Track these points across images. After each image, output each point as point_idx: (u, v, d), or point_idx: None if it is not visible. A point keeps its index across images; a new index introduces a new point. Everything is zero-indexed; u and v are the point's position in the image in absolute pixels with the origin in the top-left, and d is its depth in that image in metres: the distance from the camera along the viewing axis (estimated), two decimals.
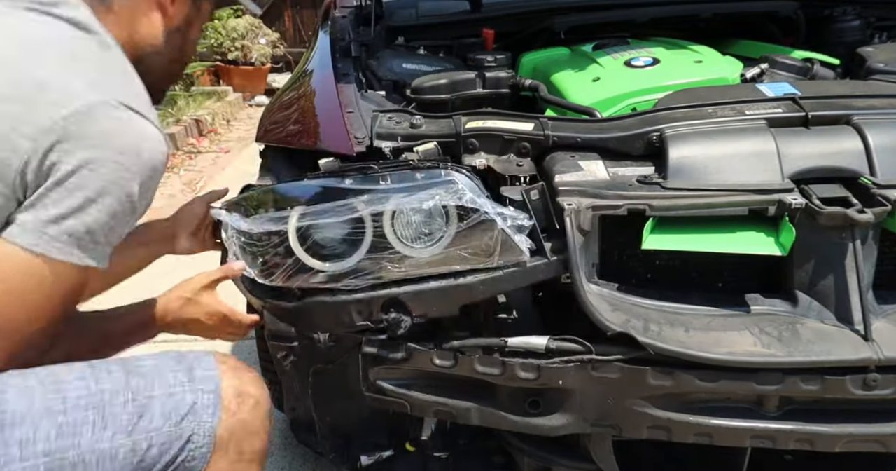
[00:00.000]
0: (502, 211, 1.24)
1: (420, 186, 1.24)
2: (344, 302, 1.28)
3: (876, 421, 1.22)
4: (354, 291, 1.28)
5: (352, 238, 1.26)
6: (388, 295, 1.27)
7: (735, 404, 1.25)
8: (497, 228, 1.23)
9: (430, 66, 1.83)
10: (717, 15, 2.06)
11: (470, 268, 1.26)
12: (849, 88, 1.49)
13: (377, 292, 1.27)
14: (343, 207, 1.24)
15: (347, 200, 1.24)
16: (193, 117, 5.49)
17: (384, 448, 1.57)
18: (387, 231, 1.26)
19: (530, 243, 1.25)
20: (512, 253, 1.24)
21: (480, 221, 1.23)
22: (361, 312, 1.29)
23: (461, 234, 1.25)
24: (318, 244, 1.27)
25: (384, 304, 1.28)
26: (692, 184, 1.27)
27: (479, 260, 1.25)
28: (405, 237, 1.26)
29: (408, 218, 1.25)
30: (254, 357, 1.92)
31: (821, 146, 1.30)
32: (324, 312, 1.30)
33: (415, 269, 1.27)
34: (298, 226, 1.26)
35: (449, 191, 1.22)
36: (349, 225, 1.25)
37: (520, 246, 1.24)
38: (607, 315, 1.22)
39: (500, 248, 1.24)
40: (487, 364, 1.27)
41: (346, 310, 1.29)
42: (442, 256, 1.25)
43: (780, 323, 1.24)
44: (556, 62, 1.86)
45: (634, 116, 1.43)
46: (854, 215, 1.19)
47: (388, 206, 1.24)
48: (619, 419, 1.27)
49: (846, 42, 1.95)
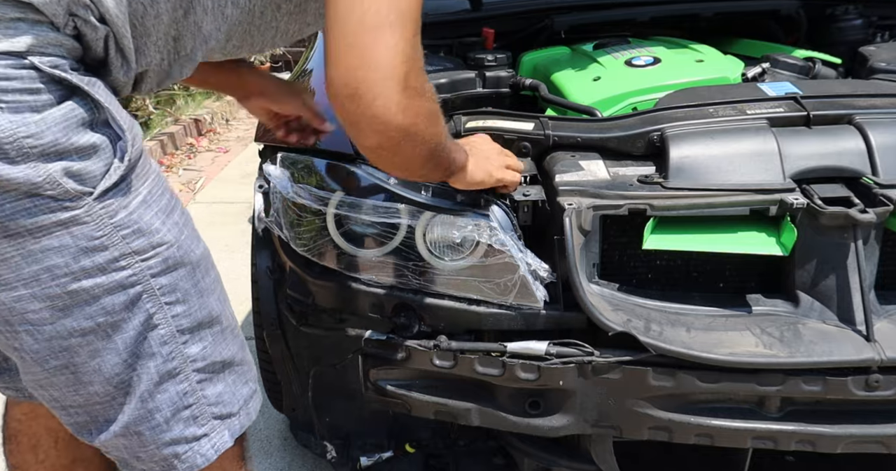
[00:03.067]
0: (527, 258, 1.26)
1: (456, 210, 1.29)
2: (361, 291, 1.32)
3: (878, 422, 1.22)
4: (372, 285, 1.32)
5: (382, 237, 1.31)
6: (403, 299, 1.31)
7: (736, 405, 1.25)
8: (518, 273, 1.26)
9: (429, 66, 1.82)
10: (718, 14, 2.06)
11: (484, 299, 1.28)
12: (851, 88, 1.49)
13: (393, 293, 1.30)
14: (382, 209, 1.28)
15: (388, 203, 1.29)
16: (192, 117, 5.47)
17: (384, 449, 1.57)
18: (417, 241, 1.30)
19: (546, 294, 1.27)
20: (527, 298, 1.27)
21: (504, 261, 1.26)
22: (375, 304, 1.33)
23: (483, 266, 1.28)
24: (351, 232, 1.33)
25: (396, 306, 1.30)
26: (693, 184, 1.26)
27: (495, 295, 1.28)
28: (432, 250, 1.31)
29: (437, 237, 1.29)
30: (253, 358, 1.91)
31: (823, 146, 1.29)
32: (340, 294, 1.34)
33: (432, 284, 1.31)
34: (336, 212, 1.31)
35: (483, 226, 1.26)
36: (382, 226, 1.31)
37: (536, 294, 1.27)
38: (608, 315, 1.21)
39: (517, 290, 1.27)
40: (487, 365, 1.27)
41: (361, 299, 1.33)
42: (460, 280, 1.28)
43: (781, 323, 1.23)
44: (556, 61, 1.86)
45: (635, 116, 1.43)
46: (856, 215, 1.18)
47: (420, 221, 1.28)
48: (620, 420, 1.26)
49: (848, 41, 1.94)
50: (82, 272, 0.87)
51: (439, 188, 1.32)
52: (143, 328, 0.93)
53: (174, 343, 0.96)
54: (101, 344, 0.92)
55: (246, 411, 1.06)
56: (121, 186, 0.88)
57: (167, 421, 0.98)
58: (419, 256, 1.30)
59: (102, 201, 0.87)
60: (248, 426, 1.07)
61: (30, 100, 0.82)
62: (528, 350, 1.24)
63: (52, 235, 0.85)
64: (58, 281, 0.87)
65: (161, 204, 0.93)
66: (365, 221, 1.31)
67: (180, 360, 0.97)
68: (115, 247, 0.88)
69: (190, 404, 0.99)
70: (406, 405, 1.35)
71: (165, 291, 0.93)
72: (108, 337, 0.91)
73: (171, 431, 0.99)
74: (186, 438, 1.00)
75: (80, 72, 0.88)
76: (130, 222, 0.89)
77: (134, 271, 0.90)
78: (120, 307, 0.90)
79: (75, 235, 0.86)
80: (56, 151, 0.83)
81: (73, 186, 0.84)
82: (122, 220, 0.88)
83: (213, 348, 1.00)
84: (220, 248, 3.30)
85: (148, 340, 0.94)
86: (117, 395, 0.96)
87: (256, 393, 1.09)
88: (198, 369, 0.99)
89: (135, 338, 0.93)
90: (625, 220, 1.28)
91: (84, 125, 0.86)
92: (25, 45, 0.82)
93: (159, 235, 0.91)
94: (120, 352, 0.93)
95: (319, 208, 1.32)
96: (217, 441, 1.03)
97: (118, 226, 0.88)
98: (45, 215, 0.84)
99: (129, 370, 0.94)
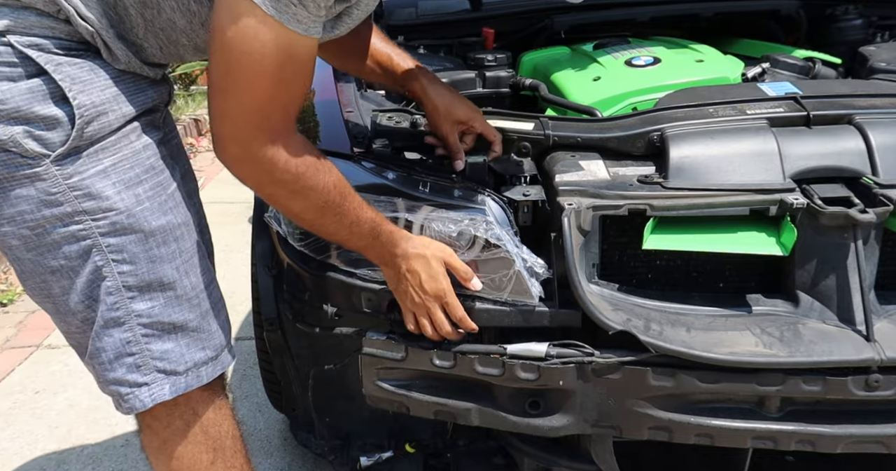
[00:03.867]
0: (523, 254, 1.26)
1: (454, 205, 1.28)
2: (356, 287, 1.32)
3: (878, 422, 1.22)
4: (368, 281, 1.31)
5: None
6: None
7: (736, 405, 1.24)
8: (514, 268, 1.25)
9: (429, 66, 1.82)
10: (718, 14, 2.06)
11: (480, 295, 1.28)
12: (851, 88, 1.49)
13: (388, 289, 1.29)
14: (381, 202, 1.27)
15: (386, 197, 1.28)
16: (192, 117, 5.48)
17: (384, 449, 1.57)
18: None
19: (542, 290, 1.26)
20: (522, 294, 1.26)
21: (500, 256, 1.25)
22: (370, 300, 1.32)
23: (479, 261, 1.27)
24: None
25: (392, 301, 1.29)
26: (693, 184, 1.26)
27: (490, 291, 1.27)
28: None
29: (434, 232, 1.27)
30: (253, 358, 1.92)
31: (822, 146, 1.29)
32: (336, 289, 1.35)
33: None
34: None
35: (479, 220, 1.25)
36: None
37: (531, 290, 1.26)
38: (608, 315, 1.21)
39: (513, 286, 1.26)
40: (487, 365, 1.26)
41: (357, 294, 1.33)
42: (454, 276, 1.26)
43: (781, 323, 1.23)
44: (556, 61, 1.86)
45: (635, 116, 1.43)
46: (856, 215, 1.18)
47: (418, 216, 1.27)
48: (620, 420, 1.26)
49: (848, 41, 1.94)
50: (44, 220, 1.04)
51: (437, 184, 1.32)
52: (94, 277, 1.09)
53: (119, 295, 1.10)
54: (67, 283, 1.09)
55: (196, 373, 1.18)
56: (80, 156, 1.03)
57: (110, 362, 1.14)
58: None
59: (59, 164, 1.02)
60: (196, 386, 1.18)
61: (6, 71, 0.99)
62: (528, 352, 1.24)
63: (22, 185, 1.03)
64: (28, 224, 1.05)
65: (124, 176, 1.07)
66: None
67: (124, 311, 1.11)
68: (69, 203, 1.04)
69: (133, 353, 1.13)
70: (406, 405, 1.35)
71: (113, 250, 1.08)
72: (70, 278, 1.09)
73: (115, 371, 1.14)
74: (129, 382, 1.15)
75: (65, 52, 1.03)
76: (83, 186, 1.04)
77: (84, 227, 1.06)
78: (75, 255, 1.07)
79: (38, 189, 1.03)
80: (18, 117, 1.00)
81: (34, 146, 1.01)
82: (76, 183, 1.04)
83: (163, 310, 1.13)
84: (220, 248, 3.29)
85: (99, 288, 1.09)
86: (85, 328, 1.13)
87: (215, 361, 1.21)
88: (143, 324, 1.12)
89: (88, 283, 1.09)
90: (625, 220, 1.28)
91: (46, 99, 1.01)
92: (3, 25, 0.99)
93: (109, 201, 1.06)
94: (79, 292, 1.10)
95: None
96: (156, 392, 1.15)
97: (72, 187, 1.04)
98: (15, 168, 1.02)
99: (89, 310, 1.11)
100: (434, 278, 1.21)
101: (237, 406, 2.17)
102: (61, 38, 1.03)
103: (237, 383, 2.29)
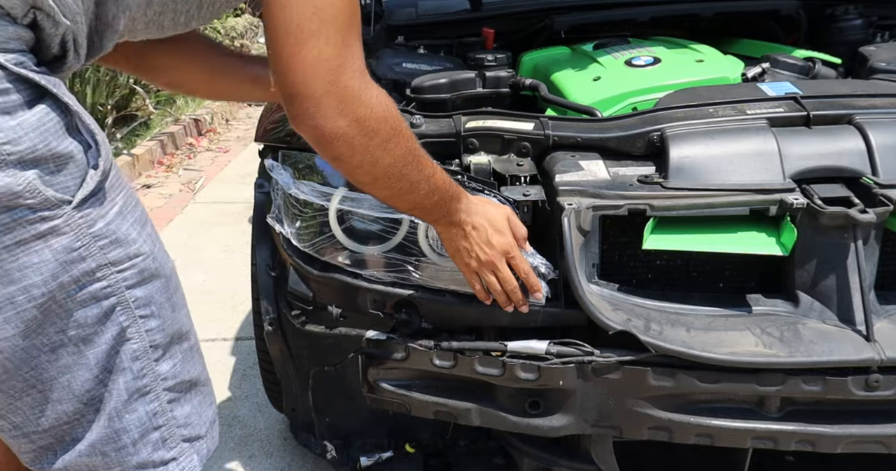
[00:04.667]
0: (528, 254, 1.25)
1: None
2: (362, 288, 1.33)
3: (878, 422, 1.22)
4: (374, 281, 1.32)
5: (384, 233, 1.32)
6: (404, 296, 1.31)
7: (736, 405, 1.25)
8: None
9: (429, 66, 1.83)
10: (718, 14, 2.06)
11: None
12: (851, 88, 1.49)
13: (394, 290, 1.31)
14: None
15: None
16: (192, 117, 5.47)
17: (384, 449, 1.57)
18: (419, 237, 1.30)
19: (548, 289, 1.26)
20: (529, 293, 1.26)
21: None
22: (376, 301, 1.33)
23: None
24: (353, 228, 1.33)
25: (398, 302, 1.31)
26: (693, 184, 1.26)
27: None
28: (434, 247, 1.31)
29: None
30: (253, 358, 1.92)
31: (822, 146, 1.29)
32: (342, 290, 1.35)
33: (433, 280, 1.31)
34: (339, 208, 1.32)
35: None
36: (386, 221, 1.31)
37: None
38: (608, 315, 1.21)
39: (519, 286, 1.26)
40: (487, 365, 1.27)
41: (362, 296, 1.34)
42: (462, 275, 1.26)
43: (781, 323, 1.23)
44: (556, 61, 1.86)
45: (635, 116, 1.43)
46: (856, 215, 1.18)
47: None
48: (620, 420, 1.26)
49: (848, 41, 1.94)
50: (59, 288, 0.82)
51: None
52: (116, 342, 0.89)
53: (146, 359, 0.92)
54: (72, 359, 0.87)
55: (211, 434, 1.02)
56: (98, 196, 0.85)
57: (134, 443, 0.93)
58: (421, 252, 1.30)
59: (81, 210, 0.83)
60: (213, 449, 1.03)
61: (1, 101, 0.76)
62: (528, 349, 1.24)
63: (31, 250, 0.80)
64: (34, 302, 0.81)
65: (136, 215, 0.90)
66: (368, 216, 1.31)
67: (151, 377, 0.93)
68: (93, 258, 0.84)
69: (159, 426, 0.95)
70: (406, 405, 1.35)
71: (140, 304, 0.90)
72: (80, 351, 0.87)
73: (139, 454, 0.94)
74: (154, 462, 0.96)
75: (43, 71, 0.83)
76: (108, 232, 0.85)
77: (109, 283, 0.86)
78: (93, 320, 0.86)
79: (54, 248, 0.81)
80: (33, 159, 0.78)
81: (53, 193, 0.80)
82: (101, 230, 0.85)
83: (182, 366, 0.96)
84: (220, 248, 3.31)
85: (120, 355, 0.89)
86: (87, 412, 0.90)
87: (216, 416, 1.06)
88: (168, 388, 0.95)
89: (107, 352, 0.88)
90: (625, 220, 1.28)
91: (59, 131, 0.81)
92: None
93: (136, 245, 0.88)
94: (91, 367, 0.88)
95: (322, 203, 1.32)
96: (185, 465, 0.99)
97: (96, 236, 0.84)
98: (24, 228, 0.79)
99: (100, 386, 0.89)
100: (501, 232, 1.16)
101: (237, 406, 2.17)
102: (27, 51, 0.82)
103: (237, 383, 2.29)
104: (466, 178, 1.34)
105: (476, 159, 1.38)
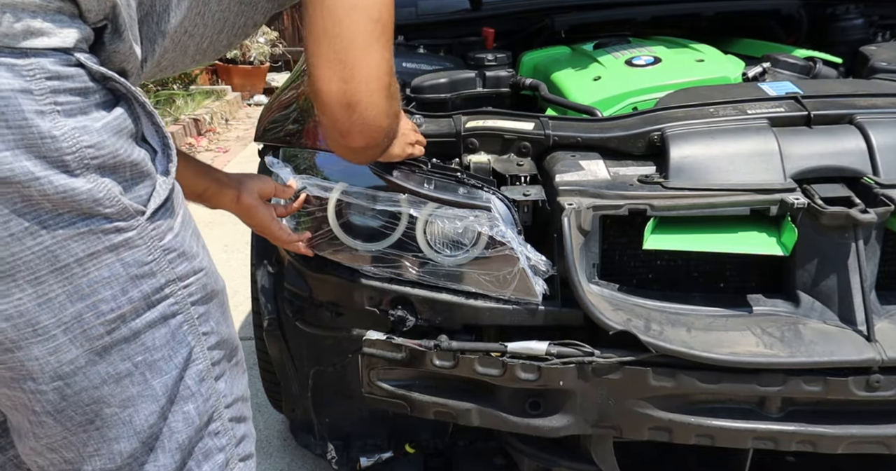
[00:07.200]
0: (527, 251, 1.26)
1: (459, 202, 1.28)
2: (358, 284, 1.33)
3: (879, 422, 1.22)
4: (370, 278, 1.32)
5: (383, 229, 1.31)
6: (400, 292, 1.31)
7: (737, 405, 1.24)
8: (518, 266, 1.25)
9: (429, 65, 1.82)
10: (718, 13, 2.06)
11: (482, 292, 1.28)
12: (851, 87, 1.48)
13: (391, 286, 1.31)
14: (385, 198, 1.28)
15: (390, 193, 1.28)
16: (192, 117, 5.48)
17: (384, 449, 1.57)
18: (418, 234, 1.30)
19: (545, 288, 1.27)
20: (526, 292, 1.27)
21: (504, 254, 1.26)
22: (372, 298, 1.33)
23: (483, 259, 1.27)
24: (351, 223, 1.33)
25: (394, 299, 1.30)
26: (694, 184, 1.26)
27: (493, 289, 1.28)
28: (432, 244, 1.31)
29: (438, 228, 1.28)
30: (253, 358, 1.91)
31: (823, 146, 1.29)
32: (338, 286, 1.35)
33: (431, 277, 1.31)
34: (338, 200, 1.31)
35: (483, 217, 1.26)
36: (385, 216, 1.31)
37: (534, 288, 1.26)
38: (608, 315, 1.21)
39: (516, 284, 1.27)
40: (487, 365, 1.26)
41: (359, 291, 1.33)
42: (459, 273, 1.28)
43: (782, 323, 1.23)
44: (556, 61, 1.86)
45: (635, 116, 1.42)
46: (857, 215, 1.18)
47: (423, 212, 1.27)
48: (620, 420, 1.26)
49: (849, 41, 1.94)
50: (129, 305, 0.76)
51: (442, 181, 1.32)
52: (185, 365, 0.82)
53: (209, 380, 0.86)
54: (137, 389, 0.79)
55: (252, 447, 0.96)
56: (167, 205, 0.80)
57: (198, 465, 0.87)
58: (419, 249, 1.30)
59: (153, 222, 0.77)
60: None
61: (81, 103, 0.71)
62: (528, 350, 1.24)
63: (103, 263, 0.74)
64: (102, 319, 0.75)
65: (192, 226, 0.85)
66: (367, 210, 1.31)
67: (215, 399, 0.87)
68: (162, 273, 0.79)
69: (223, 446, 0.89)
70: (406, 405, 1.35)
71: (203, 321, 0.84)
72: (145, 380, 0.79)
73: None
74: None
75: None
76: (176, 245, 0.80)
77: (176, 300, 0.81)
78: (161, 343, 0.80)
79: (126, 262, 0.75)
80: (113, 165, 0.73)
81: (130, 202, 0.74)
82: (170, 243, 0.79)
83: (233, 383, 0.91)
84: (220, 248, 3.30)
85: (185, 380, 0.83)
86: (141, 454, 0.82)
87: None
88: (227, 405, 0.89)
89: (175, 378, 0.82)
90: (625, 220, 1.28)
91: (133, 137, 0.76)
92: (73, 39, 0.71)
93: (198, 259, 0.83)
94: (158, 397, 0.81)
95: (322, 195, 1.32)
96: None
97: (166, 249, 0.79)
98: (98, 239, 0.73)
99: (161, 421, 0.82)
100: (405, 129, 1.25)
101: None
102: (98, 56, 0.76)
103: None
104: (466, 177, 1.33)
105: (476, 159, 1.38)
